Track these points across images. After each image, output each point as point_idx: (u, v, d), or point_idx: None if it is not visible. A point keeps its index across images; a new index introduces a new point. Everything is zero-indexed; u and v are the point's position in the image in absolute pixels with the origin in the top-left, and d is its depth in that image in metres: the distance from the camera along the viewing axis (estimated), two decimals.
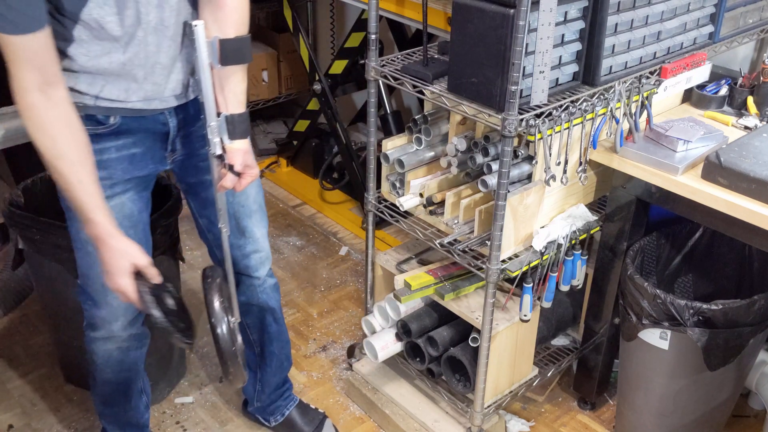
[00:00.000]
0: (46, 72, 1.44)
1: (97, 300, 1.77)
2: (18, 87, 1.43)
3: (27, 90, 1.43)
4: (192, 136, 1.77)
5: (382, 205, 2.17)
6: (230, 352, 1.70)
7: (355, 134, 3.66)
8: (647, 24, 1.94)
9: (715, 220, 1.83)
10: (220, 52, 1.57)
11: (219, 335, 1.69)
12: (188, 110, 1.74)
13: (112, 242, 1.55)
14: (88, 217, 1.53)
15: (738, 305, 1.83)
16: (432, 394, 2.27)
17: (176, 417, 2.33)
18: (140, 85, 1.59)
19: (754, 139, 1.89)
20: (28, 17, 1.38)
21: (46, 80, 1.44)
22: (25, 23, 1.38)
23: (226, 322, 1.70)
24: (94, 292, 1.76)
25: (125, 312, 1.80)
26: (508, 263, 1.89)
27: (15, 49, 1.39)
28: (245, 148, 1.69)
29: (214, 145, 1.63)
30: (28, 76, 1.42)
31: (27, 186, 2.24)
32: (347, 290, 2.93)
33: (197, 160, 1.79)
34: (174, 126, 1.71)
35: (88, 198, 1.52)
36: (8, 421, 2.29)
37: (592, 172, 2.04)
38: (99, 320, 1.81)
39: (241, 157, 1.68)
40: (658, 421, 2.08)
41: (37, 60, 1.42)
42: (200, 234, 1.97)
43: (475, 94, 1.76)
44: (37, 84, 1.43)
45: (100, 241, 1.55)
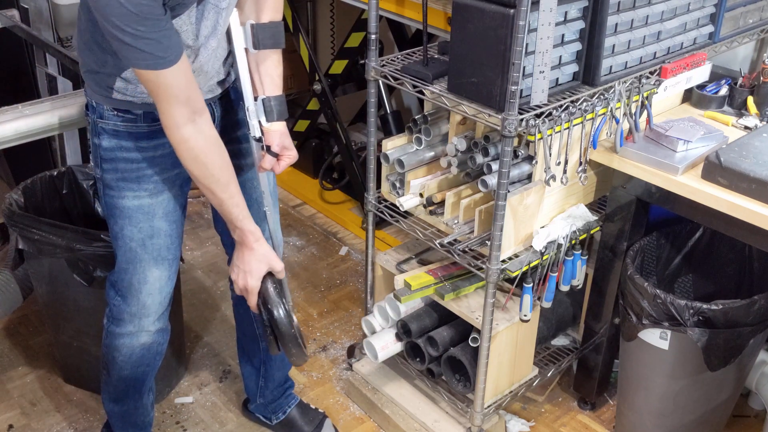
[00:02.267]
0: (193, 103, 1.51)
1: (129, 296, 1.79)
2: (170, 123, 1.50)
3: (179, 125, 1.50)
4: (229, 123, 1.81)
5: (382, 205, 2.17)
6: (290, 334, 1.71)
7: (355, 134, 3.66)
8: (647, 24, 1.94)
9: (715, 220, 1.83)
10: (253, 37, 1.65)
11: (277, 318, 1.69)
12: (229, 96, 1.79)
13: (256, 247, 1.69)
14: (238, 226, 1.67)
15: (738, 305, 1.83)
16: (432, 394, 2.27)
17: (176, 417, 2.33)
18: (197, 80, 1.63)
19: (754, 139, 1.89)
20: (172, 48, 1.44)
21: (194, 110, 1.51)
22: (172, 54, 1.44)
23: (282, 305, 1.71)
24: (128, 287, 1.79)
25: (157, 308, 1.83)
26: (508, 263, 1.89)
27: (166, 85, 1.46)
28: (282, 130, 1.76)
29: (252, 127, 1.72)
30: (179, 111, 1.49)
31: (27, 186, 2.24)
32: (347, 290, 2.93)
33: (231, 145, 1.81)
34: (219, 115, 1.76)
35: (237, 210, 1.65)
36: (8, 421, 2.29)
37: (592, 172, 2.04)
38: (127, 315, 1.82)
39: (277, 139, 1.74)
40: (658, 421, 2.08)
41: (184, 92, 1.48)
42: (217, 222, 1.98)
43: (475, 94, 1.76)
44: (187, 117, 1.50)
45: (245, 246, 1.69)
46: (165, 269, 1.80)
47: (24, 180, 2.25)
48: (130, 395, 1.98)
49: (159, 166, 1.69)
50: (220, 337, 2.66)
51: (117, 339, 1.86)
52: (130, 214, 1.71)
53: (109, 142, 1.66)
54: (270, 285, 1.72)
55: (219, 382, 2.48)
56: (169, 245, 1.78)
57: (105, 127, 1.65)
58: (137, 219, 1.72)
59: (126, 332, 1.85)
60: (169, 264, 1.80)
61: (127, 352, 1.88)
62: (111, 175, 1.69)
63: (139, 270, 1.77)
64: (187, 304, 2.75)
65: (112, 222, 1.75)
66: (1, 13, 2.77)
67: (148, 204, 1.71)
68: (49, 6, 2.84)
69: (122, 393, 1.97)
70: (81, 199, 2.36)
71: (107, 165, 1.68)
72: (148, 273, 1.77)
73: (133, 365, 1.91)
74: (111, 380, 1.95)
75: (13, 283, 2.38)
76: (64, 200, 2.33)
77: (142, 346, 1.88)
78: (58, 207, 2.32)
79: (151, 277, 1.78)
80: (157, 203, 1.72)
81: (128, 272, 1.77)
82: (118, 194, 1.70)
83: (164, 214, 1.74)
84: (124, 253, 1.76)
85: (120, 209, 1.71)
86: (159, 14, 1.39)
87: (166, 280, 1.81)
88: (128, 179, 1.68)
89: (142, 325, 1.84)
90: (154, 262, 1.77)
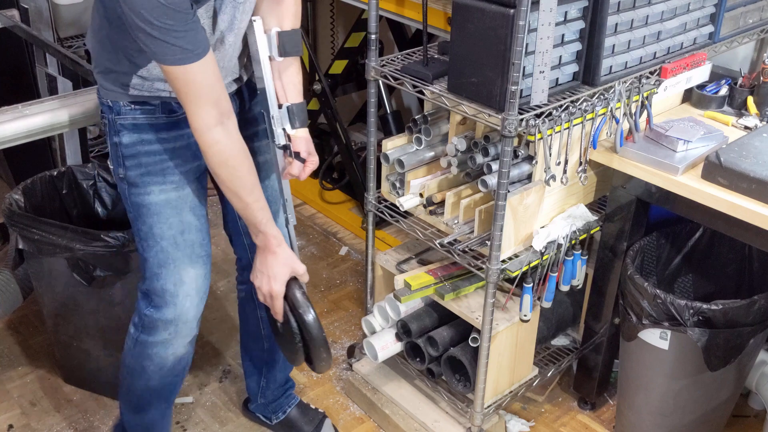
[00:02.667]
0: (221, 105, 1.50)
1: (164, 305, 1.73)
2: (199, 125, 1.50)
3: (209, 127, 1.50)
4: (242, 121, 1.77)
5: (382, 205, 2.17)
6: (322, 338, 1.70)
7: (355, 134, 3.66)
8: (647, 24, 1.94)
9: (715, 220, 1.83)
10: (279, 45, 1.66)
11: (309, 323, 1.68)
12: (243, 94, 1.78)
13: (279, 251, 1.68)
14: (261, 230, 1.66)
15: (738, 305, 1.83)
16: (432, 394, 2.27)
17: (176, 417, 2.33)
18: None
19: (754, 139, 1.89)
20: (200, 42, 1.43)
21: (222, 112, 1.51)
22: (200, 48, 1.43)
23: (312, 310, 1.70)
24: (163, 294, 1.72)
25: (196, 311, 1.77)
26: (508, 263, 1.89)
27: (195, 82, 1.45)
28: (307, 136, 1.77)
29: (278, 135, 1.71)
30: (208, 112, 1.48)
31: (27, 186, 2.24)
32: (347, 290, 2.93)
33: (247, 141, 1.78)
34: (236, 110, 1.72)
35: (261, 214, 1.64)
36: (8, 421, 2.29)
37: (592, 172, 2.04)
38: (162, 323, 1.74)
39: (305, 145, 1.75)
40: (658, 421, 2.08)
41: (213, 91, 1.48)
42: (227, 223, 1.97)
43: (475, 94, 1.76)
44: (216, 119, 1.50)
45: (268, 250, 1.68)
46: (201, 267, 1.74)
47: (24, 180, 2.25)
48: (155, 405, 1.90)
49: (180, 158, 1.67)
50: (220, 337, 2.66)
51: (149, 348, 1.78)
52: (159, 210, 1.68)
53: (129, 138, 1.64)
54: (297, 290, 1.70)
55: (219, 382, 2.48)
56: (201, 241, 1.74)
57: (123, 122, 1.63)
58: (166, 214, 1.68)
59: (160, 340, 1.76)
60: (203, 261, 1.75)
61: (159, 362, 1.80)
62: (135, 172, 1.66)
63: (173, 272, 1.70)
64: None
65: (140, 223, 1.70)
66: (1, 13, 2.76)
67: (176, 197, 1.68)
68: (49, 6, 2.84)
69: (146, 403, 1.90)
70: (81, 199, 2.36)
71: (130, 161, 1.65)
72: (183, 273, 1.71)
73: (163, 375, 1.84)
74: (135, 390, 1.87)
75: (13, 283, 2.38)
76: (64, 200, 2.33)
77: (174, 356, 1.80)
78: (58, 207, 2.32)
79: (188, 278, 1.72)
80: (183, 196, 1.69)
81: (161, 277, 1.71)
82: (144, 190, 1.66)
83: (191, 208, 1.71)
84: (155, 255, 1.70)
85: (147, 206, 1.67)
86: (187, 8, 1.38)
87: (203, 278, 1.76)
88: (153, 173, 1.66)
89: (178, 331, 1.76)
90: (189, 261, 1.72)
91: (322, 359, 1.73)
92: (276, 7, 1.66)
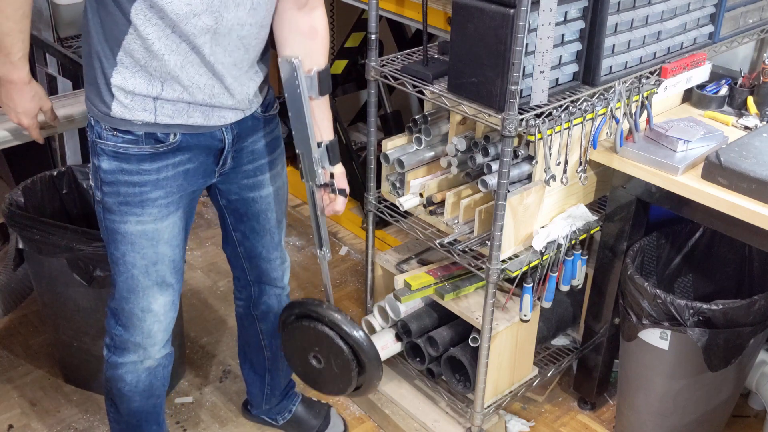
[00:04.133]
0: None
1: (131, 326, 1.73)
2: None
3: None
4: (243, 152, 1.74)
5: (382, 205, 2.17)
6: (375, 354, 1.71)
7: (355, 134, 3.66)
8: (647, 24, 1.94)
9: (715, 220, 1.83)
10: (319, 84, 1.62)
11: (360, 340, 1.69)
12: (245, 123, 1.70)
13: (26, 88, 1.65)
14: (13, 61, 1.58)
15: (738, 305, 1.83)
16: (432, 394, 2.27)
17: (176, 417, 2.33)
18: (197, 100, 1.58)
19: (754, 139, 1.89)
20: None
21: None
22: None
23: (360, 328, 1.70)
24: (130, 317, 1.72)
25: (163, 335, 1.78)
26: (508, 263, 1.89)
27: None
28: (344, 170, 1.80)
29: (318, 175, 1.70)
30: None
31: (27, 186, 2.24)
32: (347, 290, 2.93)
33: (242, 176, 1.77)
34: (230, 141, 1.68)
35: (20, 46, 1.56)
36: (8, 421, 2.29)
37: (592, 172, 2.04)
38: (132, 345, 1.75)
39: (345, 180, 1.77)
40: (658, 421, 2.08)
41: None
42: (226, 245, 1.94)
43: (475, 94, 1.76)
44: None
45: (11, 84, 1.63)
46: (169, 295, 1.73)
47: (24, 180, 2.25)
48: (145, 429, 1.90)
49: (164, 189, 1.60)
50: (220, 337, 2.66)
51: (119, 369, 1.79)
52: (133, 240, 1.62)
53: (109, 164, 1.57)
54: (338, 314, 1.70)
55: (219, 382, 2.48)
56: (173, 270, 1.71)
57: (104, 148, 1.56)
58: (140, 245, 1.63)
59: (129, 361, 1.78)
60: (173, 289, 1.74)
61: (132, 380, 1.80)
62: (112, 199, 1.59)
63: (142, 298, 1.69)
64: (187, 304, 2.75)
65: (113, 248, 1.65)
66: None
67: (153, 229, 1.63)
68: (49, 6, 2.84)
69: (136, 428, 1.89)
70: (81, 199, 2.36)
71: (108, 188, 1.59)
72: (152, 301, 1.70)
73: (142, 396, 1.83)
74: (121, 416, 1.87)
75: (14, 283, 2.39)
76: (64, 200, 2.33)
77: (148, 371, 1.80)
78: (58, 207, 2.32)
79: (156, 305, 1.71)
80: (162, 228, 1.64)
81: (130, 301, 1.70)
82: (120, 219, 1.61)
83: (169, 239, 1.66)
84: (125, 280, 1.67)
85: (122, 234, 1.62)
86: None
87: (170, 305, 1.75)
88: (131, 203, 1.59)
89: (147, 354, 1.77)
90: (158, 289, 1.70)
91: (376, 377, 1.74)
92: (309, 42, 1.62)
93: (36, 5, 2.83)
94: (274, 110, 1.78)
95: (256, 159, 1.77)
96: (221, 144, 1.67)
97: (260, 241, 1.88)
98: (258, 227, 1.85)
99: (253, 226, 1.85)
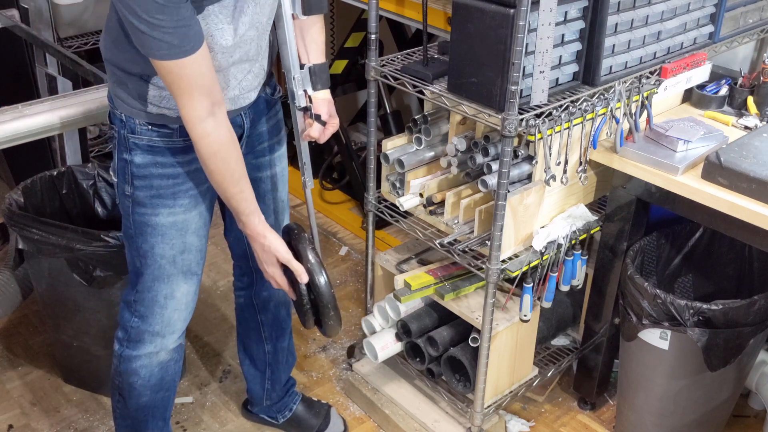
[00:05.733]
0: (213, 94, 1.46)
1: (151, 315, 1.75)
2: (191, 117, 1.45)
3: (201, 119, 1.46)
4: (254, 134, 1.77)
5: (382, 205, 2.17)
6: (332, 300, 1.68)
7: (355, 134, 3.66)
8: (647, 24, 1.94)
9: (715, 220, 1.83)
10: (303, 2, 1.61)
11: (320, 284, 1.66)
12: (258, 106, 1.74)
13: (263, 241, 1.63)
14: (245, 220, 1.62)
15: (738, 305, 1.83)
16: (432, 394, 2.27)
17: (176, 417, 2.33)
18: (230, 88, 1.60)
19: (754, 139, 1.89)
20: (192, 37, 1.39)
21: (214, 102, 1.47)
22: (190, 44, 1.39)
23: (324, 271, 1.68)
24: (152, 305, 1.74)
25: (182, 324, 1.79)
26: (508, 263, 1.89)
27: (186, 75, 1.41)
28: (329, 98, 1.74)
29: (298, 97, 1.68)
30: (200, 104, 1.44)
31: (27, 186, 2.24)
32: (347, 290, 2.93)
33: (252, 157, 1.79)
34: (248, 126, 1.72)
35: (246, 204, 1.60)
36: (8, 421, 2.29)
37: (592, 172, 2.04)
38: (148, 335, 1.76)
39: (327, 107, 1.73)
40: (658, 421, 2.08)
41: (205, 82, 1.44)
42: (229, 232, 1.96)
43: (475, 94, 1.76)
44: (208, 110, 1.46)
45: (253, 240, 1.65)
46: (193, 284, 1.77)
47: (24, 180, 2.25)
48: (151, 425, 1.90)
49: (194, 181, 1.65)
50: (220, 337, 2.66)
51: (134, 362, 1.79)
52: (164, 231, 1.66)
53: (143, 158, 1.60)
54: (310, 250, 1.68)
55: (219, 382, 2.48)
56: (199, 260, 1.75)
57: (138, 142, 1.59)
58: (170, 236, 1.67)
59: (145, 353, 1.78)
60: (197, 279, 1.77)
61: (146, 374, 1.81)
62: (144, 192, 1.63)
63: (166, 286, 1.72)
64: None
65: (141, 240, 1.68)
66: (1, 13, 2.76)
67: (182, 220, 1.67)
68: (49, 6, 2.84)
69: (142, 423, 1.89)
70: (81, 199, 2.36)
71: (140, 182, 1.62)
72: (176, 288, 1.73)
73: (153, 389, 1.84)
74: (128, 411, 1.87)
75: (14, 283, 2.38)
76: (64, 200, 2.33)
77: (161, 365, 1.81)
78: (58, 207, 2.32)
79: (179, 293, 1.74)
80: (190, 218, 1.68)
81: (153, 289, 1.72)
82: (152, 211, 1.64)
83: (196, 229, 1.71)
84: (152, 271, 1.70)
85: (153, 227, 1.66)
86: (179, 1, 1.35)
87: (192, 294, 1.78)
88: (164, 195, 1.63)
89: (164, 344, 1.79)
90: (183, 277, 1.73)
91: (330, 320, 1.71)
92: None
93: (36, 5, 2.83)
94: (279, 93, 1.81)
95: (263, 141, 1.80)
96: (241, 130, 1.70)
97: None
98: (264, 207, 1.84)
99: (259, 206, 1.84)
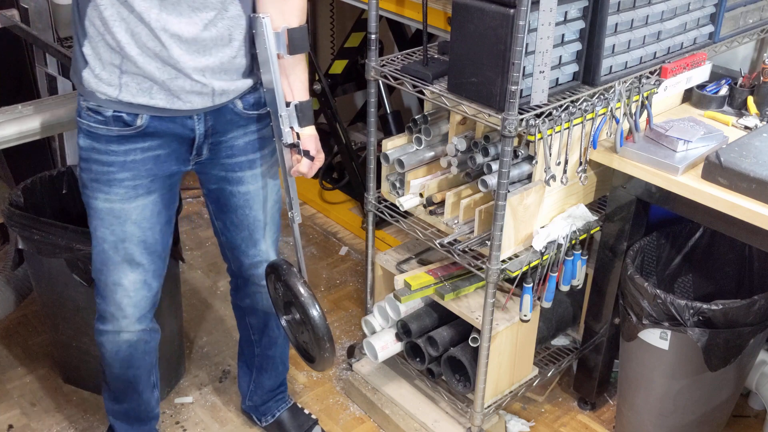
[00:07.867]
0: None
1: (106, 296, 1.81)
2: None
3: None
4: (221, 145, 1.76)
5: (382, 205, 2.17)
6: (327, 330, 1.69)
7: (355, 134, 3.66)
8: (647, 24, 1.94)
9: (715, 220, 1.83)
10: (289, 42, 1.63)
11: (313, 316, 1.69)
12: (223, 117, 1.72)
13: None
14: None
15: (738, 305, 1.83)
16: (432, 394, 2.27)
17: (176, 417, 2.33)
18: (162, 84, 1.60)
19: (754, 139, 1.89)
20: None
21: None
22: None
23: (317, 304, 1.70)
24: (104, 287, 1.81)
25: (133, 310, 1.83)
26: (508, 263, 1.89)
27: None
28: (315, 133, 1.77)
29: (285, 134, 1.70)
30: None
31: (27, 186, 2.24)
32: (347, 290, 2.93)
33: (220, 169, 1.80)
34: (201, 133, 1.71)
35: None
36: (8, 422, 2.29)
37: (592, 172, 2.04)
38: (108, 314, 1.84)
39: (314, 143, 1.75)
40: (658, 421, 2.08)
41: None
42: (216, 234, 1.98)
43: (475, 94, 1.76)
44: None
45: None
46: (140, 273, 1.78)
47: (24, 180, 2.25)
48: (129, 394, 1.98)
49: (131, 172, 1.67)
50: (219, 337, 2.66)
51: (102, 335, 1.88)
52: (102, 216, 1.71)
53: (84, 142, 1.66)
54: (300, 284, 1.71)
55: (219, 382, 2.48)
56: (142, 251, 1.76)
57: (81, 126, 1.66)
58: (108, 221, 1.72)
59: (110, 329, 1.85)
60: (144, 269, 1.78)
61: (112, 348, 1.88)
62: (86, 175, 1.69)
63: (113, 272, 1.77)
64: (186, 304, 2.75)
65: (89, 219, 1.76)
66: (1, 13, 2.76)
67: (120, 208, 1.70)
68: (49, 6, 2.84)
69: (120, 392, 1.97)
70: (81, 199, 2.35)
71: (83, 164, 1.69)
72: (121, 275, 1.77)
73: (122, 365, 1.91)
74: (107, 379, 1.96)
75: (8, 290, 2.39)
76: (64, 200, 2.33)
77: (128, 343, 1.87)
78: (58, 207, 2.32)
79: (125, 281, 1.78)
80: (130, 209, 1.70)
81: (103, 273, 1.78)
82: (91, 194, 1.71)
83: (138, 220, 1.72)
84: (98, 252, 1.77)
85: (93, 209, 1.72)
86: None
87: (141, 284, 1.80)
88: (100, 181, 1.68)
89: (121, 326, 1.84)
90: (127, 265, 1.76)
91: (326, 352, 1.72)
92: (281, 4, 1.63)
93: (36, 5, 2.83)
94: (262, 110, 1.77)
95: (235, 155, 1.79)
96: (192, 134, 1.70)
97: (239, 235, 1.91)
98: (236, 221, 1.88)
99: (231, 218, 1.88)
